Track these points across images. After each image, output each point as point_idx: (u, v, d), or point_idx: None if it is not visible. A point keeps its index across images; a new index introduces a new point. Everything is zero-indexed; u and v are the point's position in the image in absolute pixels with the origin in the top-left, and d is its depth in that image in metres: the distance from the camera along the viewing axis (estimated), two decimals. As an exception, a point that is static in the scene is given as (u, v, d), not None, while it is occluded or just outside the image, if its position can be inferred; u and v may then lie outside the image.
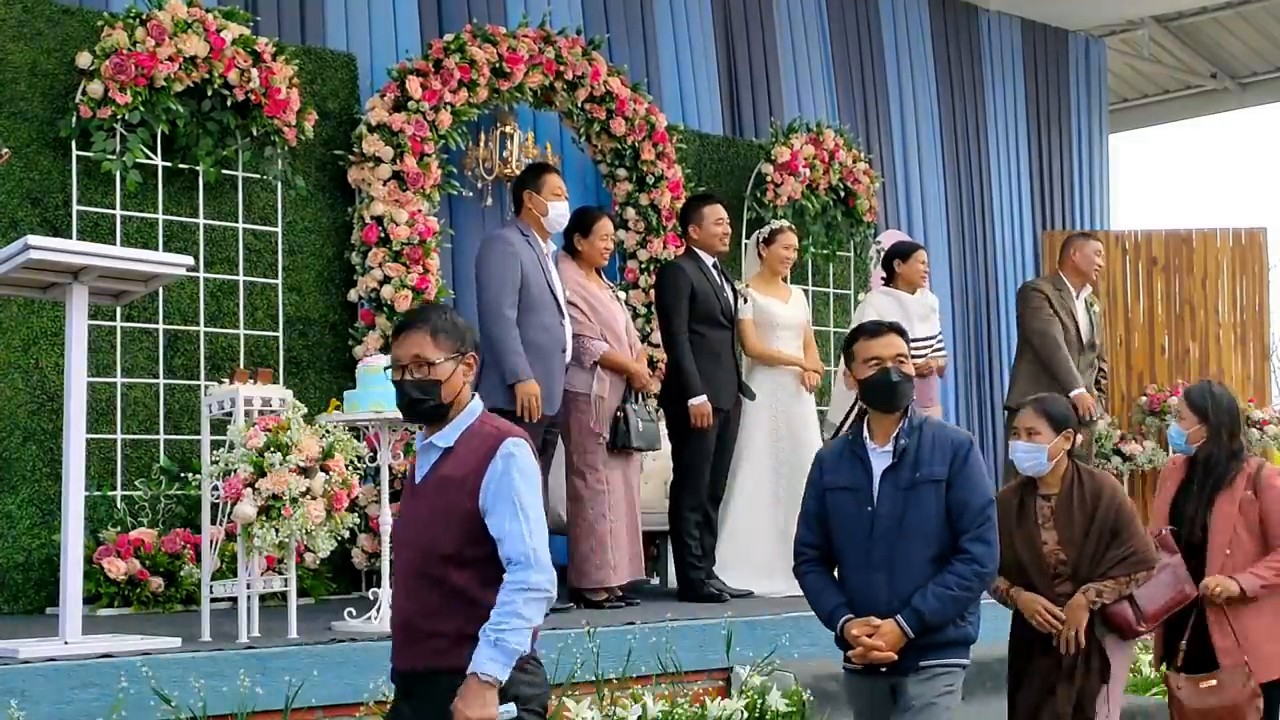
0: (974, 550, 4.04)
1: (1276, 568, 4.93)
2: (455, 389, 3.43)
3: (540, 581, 3.25)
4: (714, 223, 7.08)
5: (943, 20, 11.38)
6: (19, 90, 6.67)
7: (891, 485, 4.11)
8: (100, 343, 6.71)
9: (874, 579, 4.10)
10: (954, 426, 4.28)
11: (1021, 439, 4.70)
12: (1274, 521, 4.95)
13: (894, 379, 4.13)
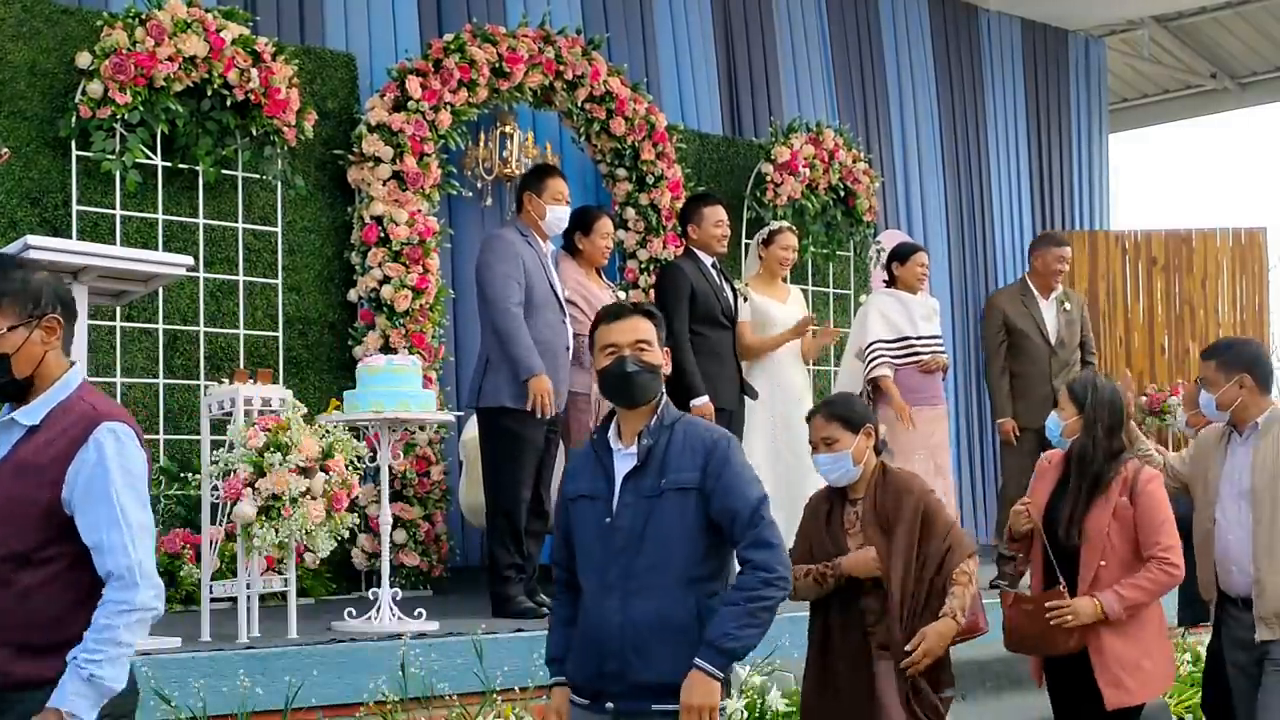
0: (755, 557, 3.43)
1: (1145, 587, 4.58)
2: (33, 359, 2.97)
3: (147, 600, 2.90)
4: (714, 224, 7.07)
5: (943, 20, 11.38)
6: (18, 90, 6.67)
7: (633, 493, 3.50)
8: (100, 343, 6.71)
9: (607, 605, 3.49)
10: (710, 425, 3.68)
11: (820, 451, 4.27)
12: (1149, 530, 4.60)
13: (629, 369, 3.53)
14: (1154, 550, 4.56)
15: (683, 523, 3.46)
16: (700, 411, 6.75)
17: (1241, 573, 4.80)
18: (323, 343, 7.53)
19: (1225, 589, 4.87)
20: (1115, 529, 4.59)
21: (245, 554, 5.26)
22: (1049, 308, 7.96)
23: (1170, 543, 4.57)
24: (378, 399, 5.61)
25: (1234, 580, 4.83)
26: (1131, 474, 4.66)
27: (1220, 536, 4.84)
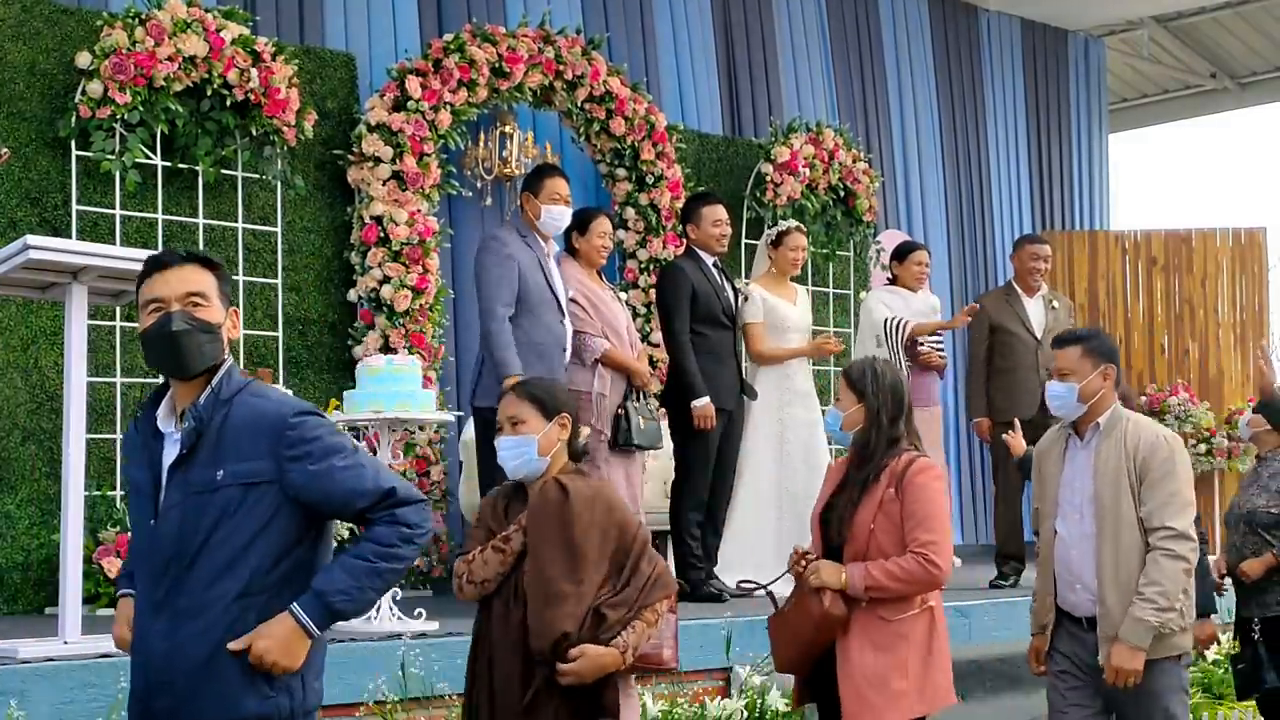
0: (397, 515, 2.89)
1: (895, 574, 3.95)
2: None
3: None
4: (712, 223, 7.06)
5: (943, 20, 11.38)
6: (18, 90, 6.67)
7: (181, 489, 2.83)
8: (100, 343, 6.71)
9: (153, 629, 2.84)
10: (287, 397, 2.99)
11: (505, 432, 3.68)
12: (912, 523, 3.99)
13: (175, 328, 2.85)
14: (914, 545, 3.95)
15: (250, 526, 2.81)
16: (700, 412, 6.75)
17: (1085, 590, 4.40)
18: (323, 343, 7.53)
19: (1066, 608, 4.48)
20: (881, 524, 4.01)
21: (245, 554, 5.25)
22: (1035, 305, 8.01)
23: (934, 539, 3.96)
24: (377, 399, 5.61)
25: (1076, 598, 4.44)
26: (902, 465, 4.06)
27: (1061, 550, 4.46)
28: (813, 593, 3.99)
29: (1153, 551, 4.25)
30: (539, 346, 6.23)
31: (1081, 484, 4.41)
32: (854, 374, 4.22)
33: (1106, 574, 4.31)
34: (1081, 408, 4.42)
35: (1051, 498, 4.50)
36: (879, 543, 4.00)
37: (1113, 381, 4.41)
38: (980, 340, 7.95)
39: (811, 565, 4.04)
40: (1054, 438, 4.57)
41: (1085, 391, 4.40)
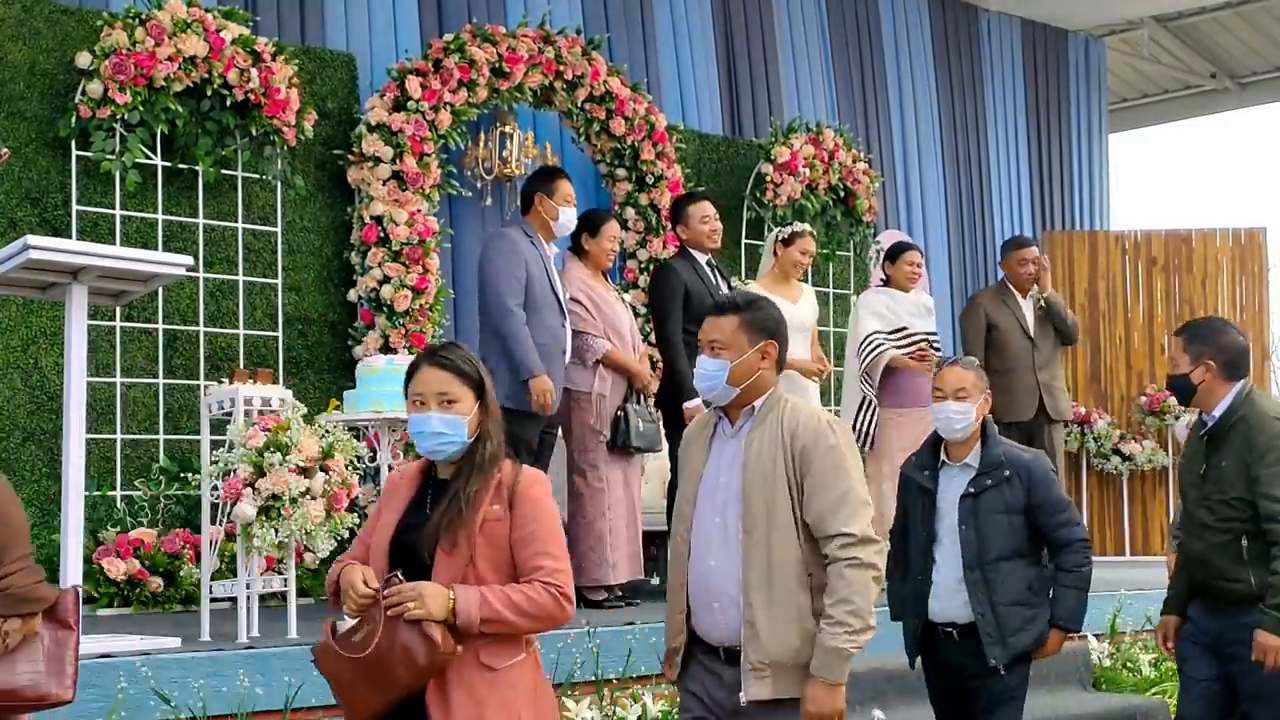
0: None
1: (519, 604, 3.15)
2: None
3: None
4: (700, 221, 7.04)
5: (943, 20, 11.38)
6: (18, 90, 6.67)
7: None
8: (100, 343, 6.71)
9: None
10: None
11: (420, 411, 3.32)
12: (527, 545, 3.21)
13: None
14: (535, 574, 3.18)
15: None
16: (692, 414, 6.75)
17: (724, 611, 3.55)
18: (323, 343, 7.53)
19: (701, 632, 3.60)
20: (483, 547, 3.20)
21: (245, 554, 5.26)
22: (1028, 305, 8.03)
23: (559, 566, 3.22)
24: (377, 399, 5.61)
25: (713, 620, 3.57)
26: (510, 477, 3.31)
27: (697, 560, 3.60)
28: (409, 626, 3.08)
29: (834, 564, 3.46)
30: (541, 347, 6.24)
31: (727, 479, 3.61)
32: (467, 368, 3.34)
33: (755, 590, 3.49)
34: (732, 391, 3.64)
35: (690, 496, 3.68)
36: (479, 571, 3.18)
37: (773, 361, 3.66)
38: (978, 340, 7.96)
39: (409, 590, 3.11)
40: (701, 424, 3.80)
41: (739, 371, 3.62)
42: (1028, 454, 4.61)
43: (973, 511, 4.52)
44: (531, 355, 6.08)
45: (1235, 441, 4.49)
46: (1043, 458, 4.64)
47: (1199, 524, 4.57)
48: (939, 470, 4.63)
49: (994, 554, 4.48)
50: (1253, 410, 4.50)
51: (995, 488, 4.51)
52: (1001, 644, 4.45)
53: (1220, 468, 4.51)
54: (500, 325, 6.14)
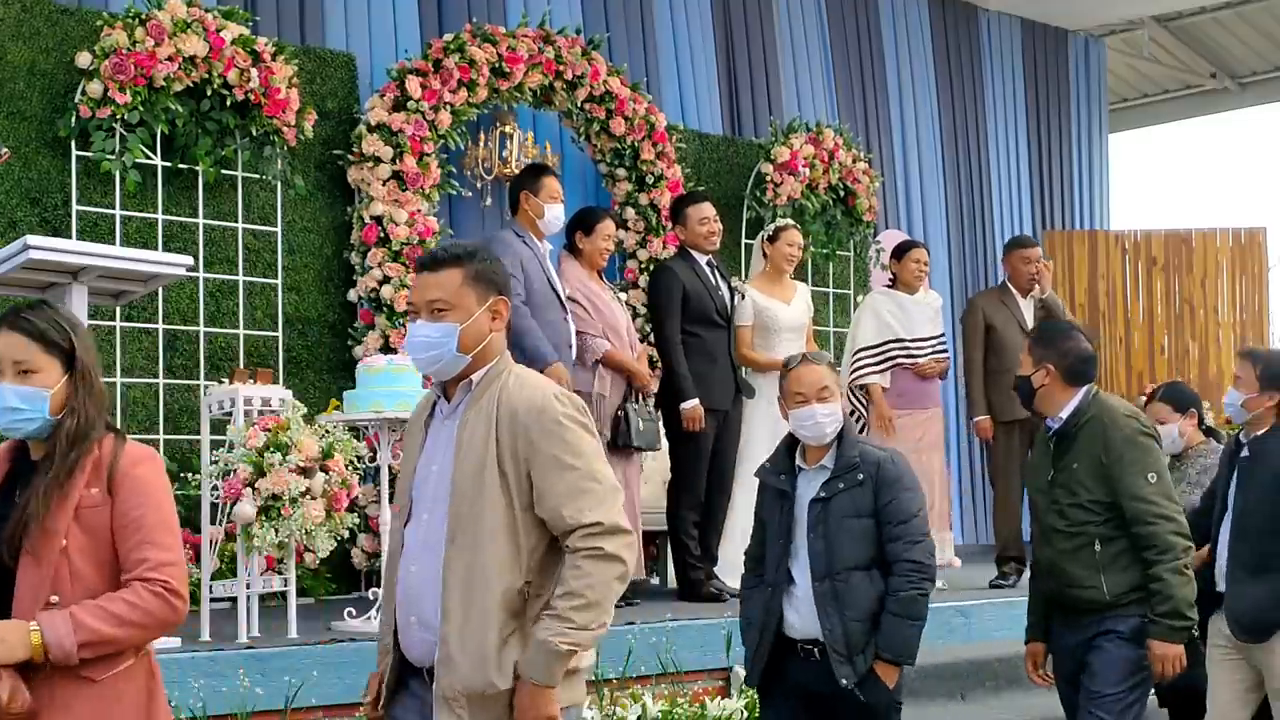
0: None
1: (122, 615, 2.74)
2: None
3: None
4: (698, 222, 7.05)
5: (943, 20, 11.38)
6: (18, 90, 6.67)
7: None
8: (100, 343, 6.71)
9: None
10: None
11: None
12: (130, 536, 2.78)
13: None
14: (139, 569, 2.76)
15: None
16: (688, 415, 6.75)
17: (424, 627, 3.03)
18: (323, 343, 7.53)
19: (403, 649, 3.10)
20: (79, 539, 2.77)
21: (245, 554, 5.26)
22: (1028, 305, 8.04)
23: (167, 558, 2.79)
24: (377, 399, 5.61)
25: (413, 638, 3.07)
26: (110, 455, 2.84)
27: (403, 565, 3.11)
28: None
29: (573, 554, 2.93)
30: (543, 345, 6.24)
31: (439, 469, 3.07)
32: None
33: (453, 603, 2.95)
34: (462, 360, 3.05)
35: (405, 488, 3.19)
36: (76, 566, 2.76)
37: (504, 322, 3.12)
38: (976, 341, 7.97)
39: None
40: (422, 403, 3.26)
41: (469, 336, 3.05)
42: (882, 453, 4.21)
43: (822, 517, 4.12)
44: (544, 345, 6.10)
45: (1085, 442, 4.33)
46: (899, 459, 4.24)
47: (1049, 530, 4.39)
48: (796, 474, 4.23)
49: (844, 563, 4.07)
50: (1103, 409, 4.35)
51: (847, 491, 4.11)
52: (849, 662, 4.04)
53: (1071, 470, 4.33)
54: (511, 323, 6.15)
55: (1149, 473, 4.26)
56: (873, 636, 4.05)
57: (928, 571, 4.09)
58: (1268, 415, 4.77)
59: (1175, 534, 4.22)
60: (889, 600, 4.07)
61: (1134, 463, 4.26)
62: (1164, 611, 4.19)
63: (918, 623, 4.10)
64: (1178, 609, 4.19)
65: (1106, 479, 4.27)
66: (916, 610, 4.09)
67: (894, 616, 4.06)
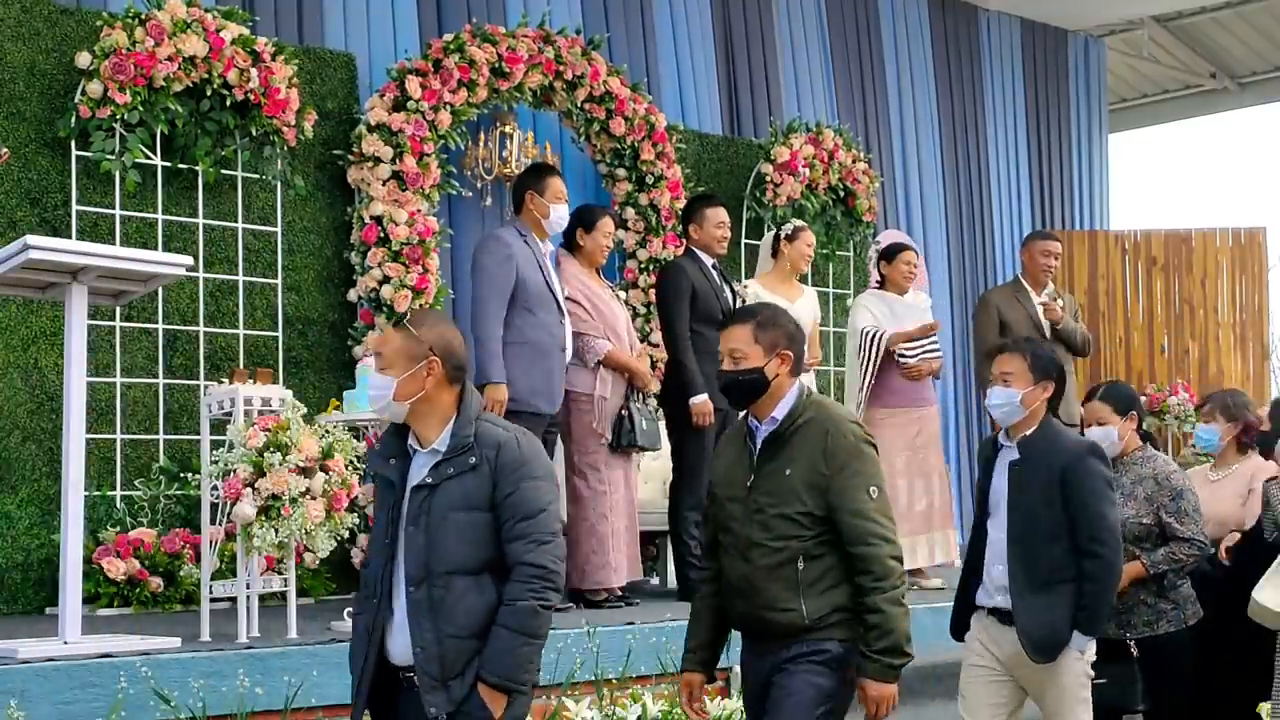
0: None
1: None
2: None
3: None
4: (715, 225, 7.08)
5: (943, 20, 11.38)
6: (18, 90, 6.67)
7: None
8: (100, 343, 6.71)
9: None
10: None
11: None
12: None
13: None
14: None
15: None
16: (698, 409, 6.76)
17: None
18: (323, 343, 7.53)
19: None
20: None
21: (245, 554, 5.26)
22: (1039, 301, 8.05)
23: None
24: (377, 399, 5.59)
25: None
26: None
27: None
28: None
29: None
30: (539, 345, 6.24)
31: None
32: None
33: None
34: None
35: None
36: None
37: None
38: (990, 337, 7.94)
39: None
40: None
41: None
42: (506, 433, 3.47)
43: (425, 508, 3.42)
44: (492, 364, 6.12)
45: (801, 446, 3.70)
46: (528, 441, 3.50)
47: (747, 543, 3.71)
48: (411, 459, 3.54)
49: (445, 566, 3.38)
50: (823, 411, 3.75)
51: (457, 477, 3.42)
52: (443, 688, 3.36)
53: (781, 477, 3.69)
54: (474, 330, 6.18)
55: (870, 486, 3.69)
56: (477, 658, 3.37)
57: (553, 580, 3.40)
58: (1039, 411, 4.42)
59: (894, 558, 3.67)
60: (501, 611, 3.37)
61: (856, 474, 3.67)
62: (883, 648, 3.63)
63: (535, 641, 3.40)
64: (898, 644, 3.63)
65: (824, 490, 3.66)
66: (534, 626, 3.38)
67: (505, 630, 3.36)
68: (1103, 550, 4.31)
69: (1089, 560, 4.31)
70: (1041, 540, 4.33)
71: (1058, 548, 4.32)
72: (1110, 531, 4.33)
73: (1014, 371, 4.42)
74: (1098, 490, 4.34)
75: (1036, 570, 4.32)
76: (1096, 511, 4.32)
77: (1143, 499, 5.12)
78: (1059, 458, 4.35)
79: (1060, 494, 4.32)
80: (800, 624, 3.66)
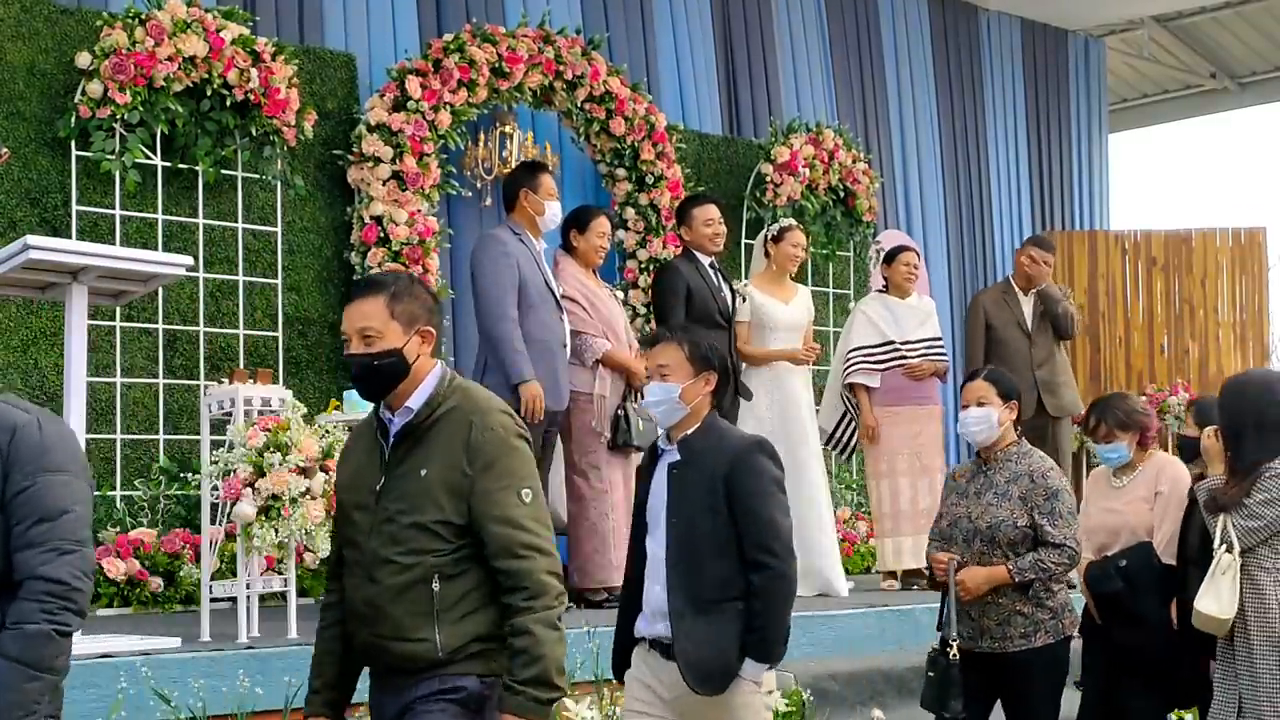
0: None
1: None
2: None
3: None
4: (703, 224, 7.07)
5: (943, 20, 11.38)
6: (18, 90, 6.67)
7: None
8: (100, 343, 6.71)
9: None
10: None
11: None
12: None
13: None
14: None
15: None
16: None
17: None
18: (323, 343, 7.53)
19: None
20: None
21: (245, 554, 5.26)
22: (1028, 302, 8.07)
23: None
24: (377, 399, 5.59)
25: None
26: None
27: None
28: None
29: None
30: (540, 344, 6.24)
31: None
32: None
33: None
34: None
35: None
36: None
37: None
38: (977, 339, 8.00)
39: None
40: None
41: None
42: (28, 413, 2.87)
43: None
44: (521, 361, 6.08)
45: (441, 442, 3.11)
46: (52, 422, 2.90)
47: (374, 559, 3.10)
48: None
49: None
50: (468, 399, 3.14)
51: None
52: None
53: (416, 478, 3.10)
54: (490, 331, 6.15)
55: (523, 489, 3.08)
56: None
57: (74, 600, 2.78)
58: (702, 407, 3.87)
59: (550, 573, 3.06)
60: (2, 636, 2.75)
61: (506, 475, 3.07)
62: (529, 677, 2.99)
63: (44, 676, 2.75)
64: (546, 674, 3.01)
65: (465, 494, 3.06)
66: (44, 656, 2.74)
67: (3, 660, 2.73)
68: (772, 561, 3.70)
69: (757, 574, 3.69)
70: (706, 554, 3.72)
71: (724, 562, 3.72)
72: (781, 539, 3.72)
73: (670, 364, 3.84)
74: (765, 492, 3.74)
75: (699, 589, 3.71)
76: (765, 517, 3.72)
77: (1017, 498, 4.68)
78: (723, 457, 3.76)
79: (725, 499, 3.72)
80: (432, 656, 3.06)
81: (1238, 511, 4.42)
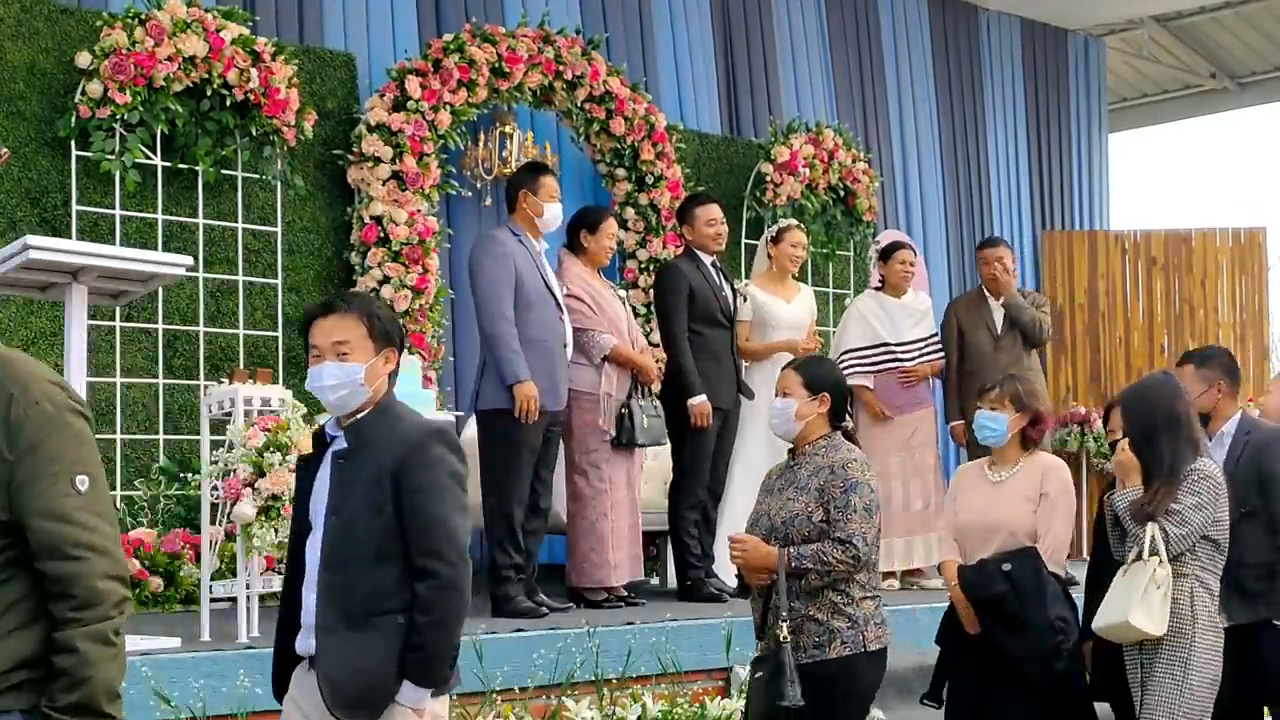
0: None
1: None
2: None
3: None
4: (705, 223, 7.08)
5: (943, 20, 11.38)
6: (18, 90, 6.67)
7: None
8: (99, 343, 6.71)
9: None
10: None
11: None
12: None
13: None
14: None
15: None
16: (696, 410, 6.77)
17: None
18: (322, 343, 7.52)
19: None
20: None
21: (245, 554, 5.26)
22: (998, 307, 8.06)
23: None
24: (377, 399, 5.59)
25: None
26: None
27: None
28: None
29: None
30: (540, 343, 6.24)
31: None
32: None
33: None
34: None
35: None
36: None
37: None
38: (951, 345, 8.03)
39: None
40: None
41: None
42: None
43: None
44: (516, 362, 6.08)
45: None
46: None
47: None
48: None
49: None
50: (9, 369, 2.48)
51: None
52: None
53: None
54: (487, 330, 6.17)
55: (77, 476, 2.47)
56: None
57: None
58: (380, 389, 3.38)
59: (110, 577, 2.46)
60: None
61: (53, 459, 2.45)
62: (69, 704, 2.39)
63: None
64: (93, 700, 2.41)
65: (5, 483, 2.43)
66: None
67: None
68: (441, 568, 3.19)
69: (422, 582, 3.19)
70: (365, 559, 3.22)
71: (387, 569, 3.22)
72: (451, 541, 3.22)
73: (351, 340, 3.30)
74: (436, 486, 3.23)
75: (354, 599, 3.23)
76: (435, 516, 3.21)
77: (814, 491, 4.23)
78: (395, 447, 3.25)
79: (393, 495, 3.22)
80: None
81: (1170, 518, 4.37)
